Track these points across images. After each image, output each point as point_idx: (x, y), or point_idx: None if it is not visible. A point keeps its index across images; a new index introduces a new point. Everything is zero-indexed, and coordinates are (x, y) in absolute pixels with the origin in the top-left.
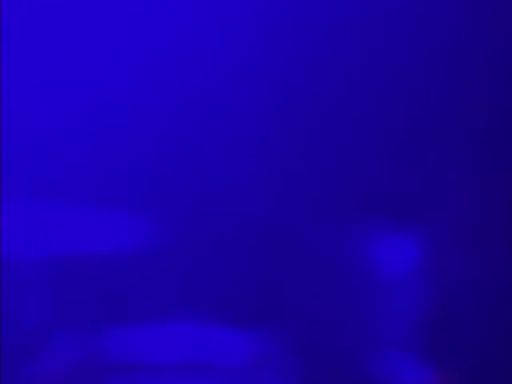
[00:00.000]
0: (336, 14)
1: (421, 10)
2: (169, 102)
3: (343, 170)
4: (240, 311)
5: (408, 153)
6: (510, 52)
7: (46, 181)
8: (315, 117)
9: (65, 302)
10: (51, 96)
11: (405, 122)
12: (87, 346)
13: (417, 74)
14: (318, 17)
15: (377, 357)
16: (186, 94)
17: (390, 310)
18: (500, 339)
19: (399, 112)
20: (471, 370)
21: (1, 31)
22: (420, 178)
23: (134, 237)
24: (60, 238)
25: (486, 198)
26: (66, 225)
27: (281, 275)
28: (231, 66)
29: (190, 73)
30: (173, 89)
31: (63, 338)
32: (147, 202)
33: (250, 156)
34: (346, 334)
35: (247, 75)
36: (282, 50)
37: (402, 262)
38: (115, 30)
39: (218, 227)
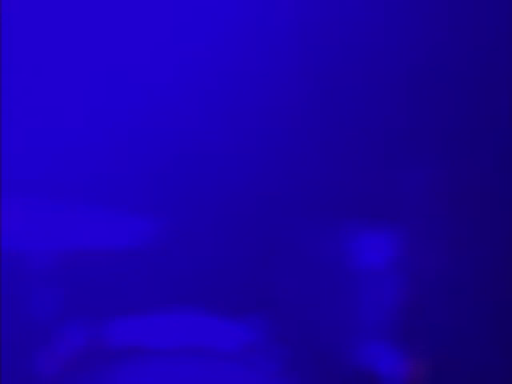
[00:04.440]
0: (336, 13)
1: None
2: (169, 101)
3: (327, 174)
4: (232, 303)
5: (383, 158)
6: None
7: (49, 179)
8: (299, 123)
9: (72, 294)
10: (53, 93)
11: (379, 127)
12: (93, 333)
13: (391, 76)
14: (317, 16)
15: (356, 344)
16: (184, 95)
17: (368, 302)
18: (470, 327)
19: (374, 117)
20: (443, 357)
21: (1, 31)
22: (395, 181)
23: (135, 234)
24: (67, 235)
25: (459, 196)
26: (73, 222)
27: (270, 271)
28: (228, 65)
29: (189, 73)
30: (172, 90)
31: (71, 327)
32: (147, 201)
33: (243, 160)
34: (328, 323)
35: (238, 74)
36: (275, 51)
37: (378, 257)
38: (115, 30)
39: (212, 226)
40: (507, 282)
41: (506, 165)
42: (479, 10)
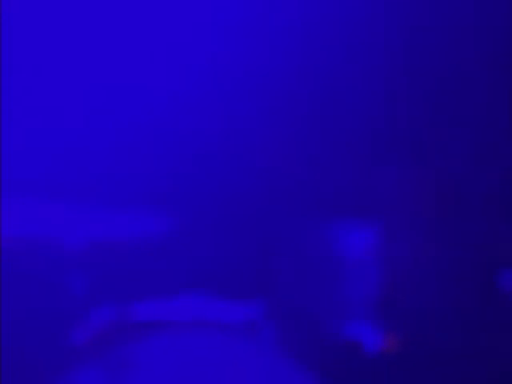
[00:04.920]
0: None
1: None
2: (170, 100)
3: (319, 174)
4: (236, 287)
5: (363, 156)
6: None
7: (50, 179)
8: (293, 122)
9: (100, 280)
10: (53, 93)
11: (359, 126)
12: (121, 311)
13: (372, 75)
14: (317, 16)
15: (342, 321)
16: (185, 94)
17: (352, 286)
18: (437, 308)
19: (361, 119)
20: (416, 334)
21: (1, 31)
22: (375, 178)
23: (149, 229)
24: (94, 230)
25: (435, 191)
26: (95, 218)
27: (268, 260)
28: (228, 64)
29: (188, 73)
30: (172, 90)
31: (100, 307)
32: (153, 199)
33: (240, 158)
34: (317, 304)
35: (237, 75)
36: (274, 51)
37: (361, 247)
38: (116, 31)
39: (217, 221)
40: (482, 269)
41: (481, 159)
42: (479, 9)
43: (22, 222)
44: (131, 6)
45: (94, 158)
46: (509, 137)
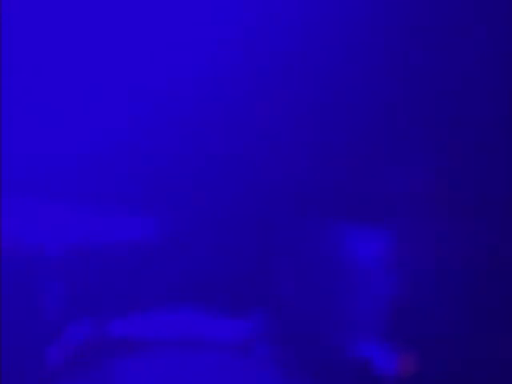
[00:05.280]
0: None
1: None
2: (167, 103)
3: (321, 174)
4: (233, 300)
5: (374, 158)
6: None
7: (49, 180)
8: (299, 123)
9: (77, 292)
10: (53, 95)
11: (370, 128)
12: (98, 328)
13: (380, 76)
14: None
15: (351, 339)
16: (182, 97)
17: (361, 299)
18: (459, 324)
19: (371, 120)
20: (435, 354)
21: (1, 31)
22: (387, 180)
23: (138, 234)
24: (74, 236)
25: (449, 194)
26: (79, 222)
27: (268, 270)
28: (226, 66)
29: (187, 74)
30: (170, 94)
31: (78, 323)
32: (148, 202)
33: (244, 161)
34: (323, 320)
35: (236, 76)
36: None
37: (372, 257)
38: (116, 33)
39: (212, 226)
40: (496, 281)
41: (495, 163)
42: (479, 9)
43: None
44: (132, 7)
45: (81, 160)
46: None
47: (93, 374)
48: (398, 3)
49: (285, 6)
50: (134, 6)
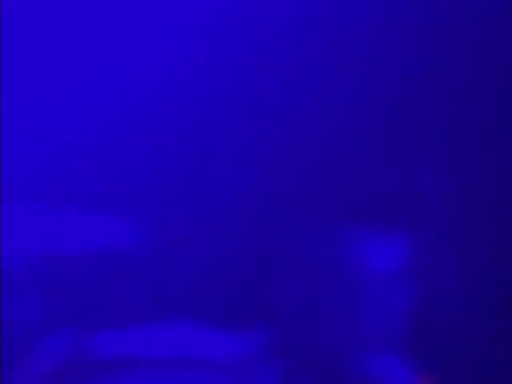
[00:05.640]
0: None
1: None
2: (166, 105)
3: (333, 174)
4: (229, 314)
5: (392, 161)
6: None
7: (44, 186)
8: (305, 124)
9: (56, 303)
10: (53, 97)
11: (390, 130)
12: (77, 345)
13: (393, 81)
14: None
15: (362, 357)
16: (180, 99)
17: (375, 311)
18: (482, 340)
19: (384, 120)
20: (454, 371)
21: (1, 31)
22: (405, 184)
23: (125, 240)
24: (51, 240)
25: (470, 202)
26: (57, 226)
27: (271, 280)
28: (224, 65)
29: (186, 74)
30: (168, 97)
31: (54, 337)
32: (139, 205)
33: (241, 161)
34: (332, 334)
35: (236, 77)
36: (275, 51)
37: (385, 264)
38: (116, 31)
39: (208, 232)
40: None
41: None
42: (480, 9)
43: None
44: (131, 6)
45: (82, 166)
46: None
47: None
48: (398, 3)
49: (285, 5)
50: (134, 6)
